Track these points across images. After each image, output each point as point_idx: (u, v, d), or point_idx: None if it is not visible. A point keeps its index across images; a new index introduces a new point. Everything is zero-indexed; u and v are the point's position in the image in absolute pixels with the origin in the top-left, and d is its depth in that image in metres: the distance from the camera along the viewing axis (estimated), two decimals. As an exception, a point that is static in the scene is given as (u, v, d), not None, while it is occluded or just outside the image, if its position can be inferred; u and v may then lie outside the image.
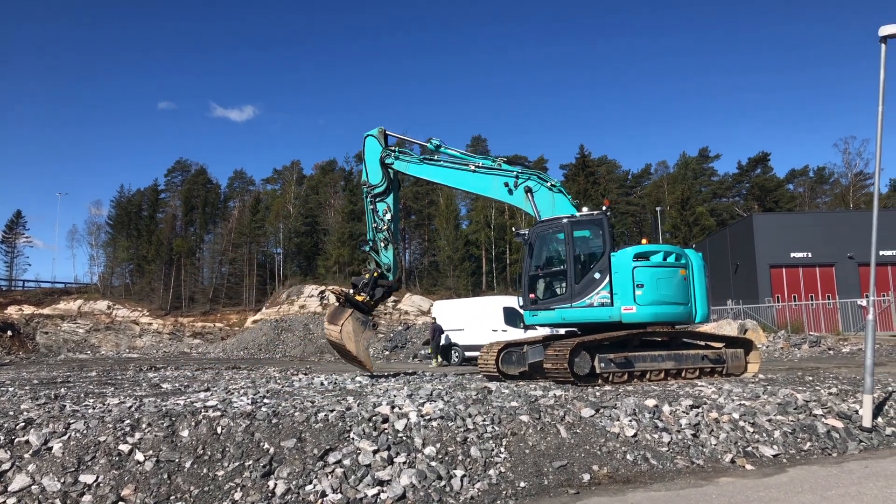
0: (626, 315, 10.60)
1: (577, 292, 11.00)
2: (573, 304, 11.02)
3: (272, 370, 17.72)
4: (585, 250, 11.39)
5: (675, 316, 10.96)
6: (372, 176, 13.26)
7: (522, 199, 12.20)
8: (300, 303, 52.68)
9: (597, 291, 10.83)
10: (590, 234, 11.38)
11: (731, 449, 6.81)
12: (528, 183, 12.16)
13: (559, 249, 11.56)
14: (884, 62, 7.90)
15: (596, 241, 11.27)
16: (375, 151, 13.26)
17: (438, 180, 13.25)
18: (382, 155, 13.14)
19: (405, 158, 13.22)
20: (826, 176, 70.48)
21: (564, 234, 11.31)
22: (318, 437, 6.01)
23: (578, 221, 11.35)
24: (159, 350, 46.47)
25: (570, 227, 11.27)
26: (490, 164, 12.54)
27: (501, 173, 12.40)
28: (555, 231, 11.61)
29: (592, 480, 5.89)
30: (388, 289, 13.12)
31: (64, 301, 60.17)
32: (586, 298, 10.90)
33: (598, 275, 10.89)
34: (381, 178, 13.13)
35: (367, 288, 12.77)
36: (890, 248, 33.09)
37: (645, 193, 73.30)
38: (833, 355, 19.86)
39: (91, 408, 7.06)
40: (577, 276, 11.09)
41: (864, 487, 5.55)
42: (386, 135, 13.47)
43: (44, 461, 5.33)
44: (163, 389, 10.86)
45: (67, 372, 17.92)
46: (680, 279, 11.02)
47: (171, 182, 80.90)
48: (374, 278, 12.82)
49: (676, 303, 10.92)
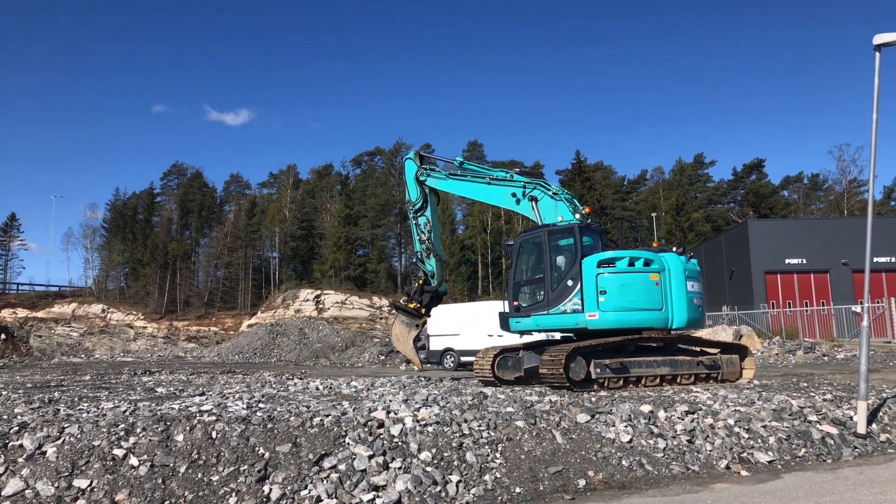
0: (590, 321, 10.70)
1: (553, 299, 11.23)
2: (550, 311, 11.23)
3: (267, 374, 17.66)
4: (562, 258, 11.60)
5: (645, 322, 10.82)
6: (412, 194, 14.68)
7: (529, 208, 12.69)
8: (296, 307, 52.58)
9: (570, 298, 11.00)
10: (566, 243, 11.57)
11: (726, 455, 6.82)
12: (534, 192, 12.57)
13: (539, 258, 11.84)
14: (878, 70, 7.96)
15: (569, 250, 11.45)
16: (412, 171, 14.67)
17: (461, 193, 14.47)
18: (417, 173, 14.51)
19: (435, 175, 14.44)
20: (820, 183, 70.74)
21: (542, 243, 11.68)
22: (313, 441, 6.00)
23: (555, 230, 11.66)
24: (154, 354, 46.31)
25: (547, 236, 11.64)
26: (504, 175, 13.24)
27: (511, 184, 12.99)
28: (534, 240, 12.00)
29: (588, 486, 5.89)
30: (433, 294, 14.48)
31: (58, 304, 59.94)
32: (560, 305, 11.09)
33: (571, 282, 11.07)
34: (419, 195, 14.48)
35: (416, 295, 14.44)
36: (884, 254, 33.25)
37: (640, 199, 73.44)
38: (827, 361, 19.91)
39: (85, 412, 7.03)
40: (553, 284, 11.32)
41: (859, 494, 5.57)
42: (421, 156, 14.92)
43: (38, 465, 5.30)
44: (157, 394, 10.82)
45: (61, 376, 17.84)
46: (650, 284, 10.85)
47: (166, 185, 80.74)
48: (421, 286, 14.43)
49: (645, 308, 10.79)
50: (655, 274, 10.92)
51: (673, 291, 11.02)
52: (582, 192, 58.97)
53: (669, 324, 11.02)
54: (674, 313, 10.99)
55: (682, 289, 11.06)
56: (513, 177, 13.06)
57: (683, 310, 11.03)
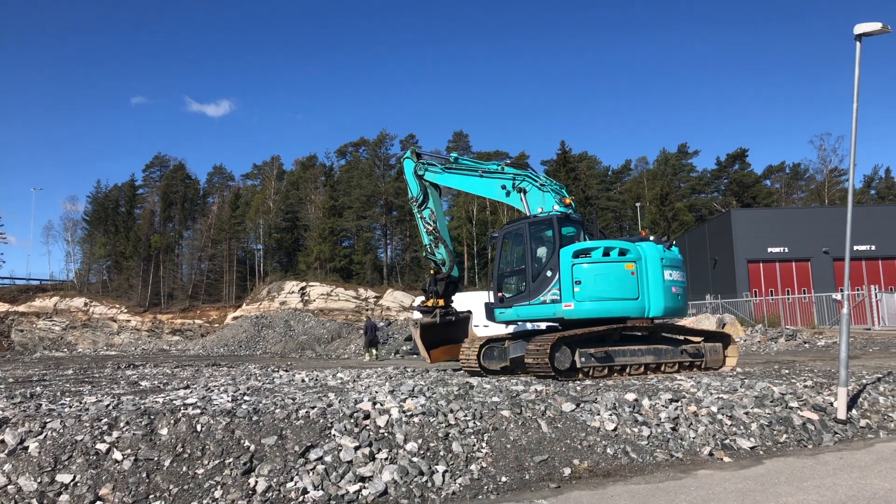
0: (566, 311, 10.78)
1: (534, 290, 11.34)
2: (531, 302, 11.34)
3: (252, 367, 17.59)
4: (542, 249, 11.71)
5: (621, 311, 10.83)
6: (413, 190, 14.85)
7: (518, 199, 12.84)
8: (281, 299, 52.41)
9: (549, 289, 11.10)
10: (545, 234, 11.68)
11: (709, 442, 6.89)
12: (522, 184, 12.66)
13: (521, 250, 11.95)
14: (859, 60, 8.03)
15: (548, 241, 11.57)
16: (411, 168, 14.83)
17: (457, 186, 14.82)
18: (416, 168, 14.71)
19: (433, 170, 14.62)
20: (802, 172, 71.51)
21: (523, 234, 11.81)
22: (299, 434, 5.99)
23: (535, 222, 11.80)
24: (138, 347, 45.98)
25: (527, 227, 11.78)
26: (495, 168, 13.47)
27: (501, 176, 13.16)
28: (517, 231, 12.14)
29: (573, 474, 5.94)
30: (447, 280, 14.43)
31: (39, 298, 59.27)
32: (540, 296, 11.20)
33: (550, 272, 11.17)
34: (419, 189, 14.66)
35: (431, 287, 14.43)
36: (864, 243, 33.71)
37: (625, 189, 73.82)
38: (809, 348, 20.18)
39: (68, 406, 6.96)
40: (534, 275, 11.42)
41: (839, 478, 5.66)
42: (418, 154, 15.09)
43: (20, 461, 5.25)
44: (141, 387, 10.74)
45: (43, 370, 17.66)
46: (625, 274, 10.86)
47: (148, 177, 79.88)
48: (433, 276, 14.43)
49: (621, 298, 10.80)
50: (631, 263, 10.90)
51: (650, 280, 10.99)
52: (567, 182, 59.11)
53: (647, 312, 10.99)
54: (650, 302, 10.97)
55: (660, 277, 11.03)
56: (503, 169, 13.23)
57: (660, 298, 10.99)
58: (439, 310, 14.12)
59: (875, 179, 73.17)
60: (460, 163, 14.26)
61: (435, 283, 14.37)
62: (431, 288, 14.39)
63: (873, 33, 7.84)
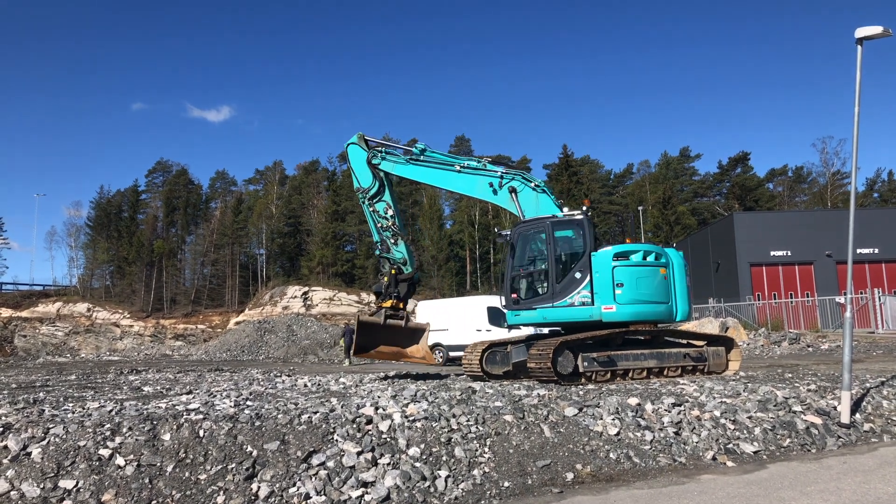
0: (606, 314, 10.65)
1: (559, 292, 11.03)
2: (554, 304, 11.04)
3: (255, 372, 17.61)
4: (567, 250, 11.44)
5: (656, 315, 10.99)
6: (363, 180, 13.47)
7: (507, 199, 12.23)
8: (283, 304, 52.44)
9: (577, 291, 10.87)
10: (571, 234, 11.44)
11: (712, 446, 6.88)
12: (513, 183, 12.16)
13: (541, 249, 11.56)
14: (860, 63, 8.03)
15: (577, 241, 11.33)
16: (360, 156, 13.52)
17: (424, 180, 13.40)
18: (369, 156, 13.39)
19: (391, 159, 13.35)
20: (804, 175, 71.50)
21: (546, 234, 11.35)
22: (301, 439, 5.99)
23: (560, 221, 11.40)
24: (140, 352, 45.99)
25: (551, 227, 11.33)
26: (475, 164, 12.62)
27: (486, 173, 12.45)
28: (537, 231, 11.65)
29: (576, 479, 5.92)
30: (409, 281, 13.23)
31: (42, 304, 59.36)
32: (567, 298, 10.94)
33: (579, 274, 10.94)
34: (373, 180, 13.35)
35: (391, 288, 12.91)
36: (866, 246, 33.62)
37: (627, 193, 73.82)
38: (812, 352, 20.13)
39: (71, 412, 6.96)
40: (558, 276, 11.13)
41: (843, 483, 5.64)
42: (366, 140, 13.67)
43: (23, 466, 5.25)
44: (144, 393, 10.75)
45: (46, 375, 17.69)
46: (660, 278, 11.06)
47: (151, 183, 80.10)
48: (394, 276, 12.97)
49: (657, 301, 10.95)
50: (664, 268, 11.12)
51: (677, 285, 11.23)
52: (569, 186, 59.17)
53: (674, 317, 11.23)
54: (678, 307, 11.22)
55: (684, 282, 11.34)
56: (485, 166, 12.55)
57: (685, 303, 11.31)
58: (385, 310, 12.74)
59: (878, 182, 73.13)
60: (429, 155, 13.03)
61: (397, 284, 12.98)
62: (392, 290, 12.90)
63: (874, 37, 7.85)
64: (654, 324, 11.16)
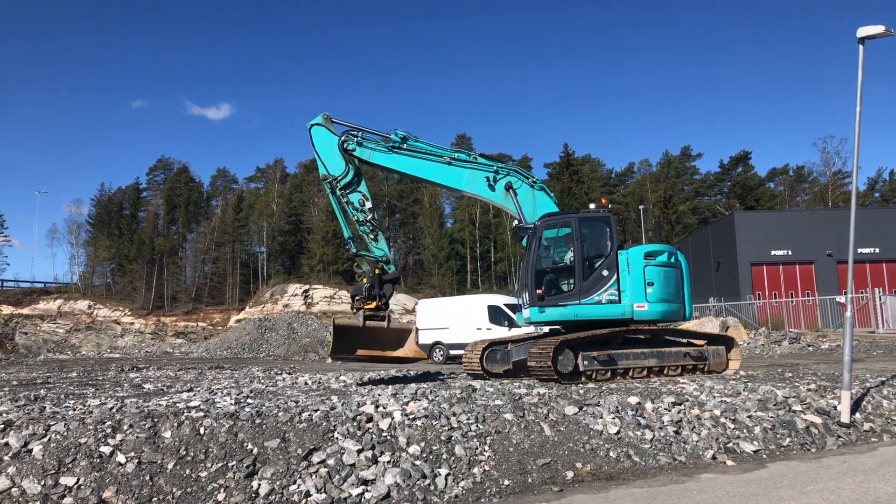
0: (637, 312, 10.82)
1: (586, 289, 10.99)
2: (581, 301, 10.99)
3: (256, 370, 17.62)
4: (592, 247, 11.43)
5: (675, 314, 11.29)
6: (333, 167, 11.54)
7: (503, 195, 11.89)
8: (284, 302, 52.43)
9: (605, 289, 10.92)
10: (597, 231, 11.47)
11: (712, 445, 6.88)
12: (509, 178, 11.89)
13: (567, 245, 11.40)
14: (861, 62, 8.03)
15: (602, 239, 11.37)
16: (329, 140, 11.68)
17: (409, 171, 11.94)
18: (341, 141, 11.58)
19: (370, 145, 11.68)
20: (805, 174, 71.48)
21: (573, 230, 11.23)
22: (301, 437, 6.00)
23: (587, 218, 11.40)
24: (141, 350, 46.06)
25: (578, 222, 11.24)
26: (466, 157, 11.97)
27: (480, 167, 11.92)
28: (563, 226, 11.48)
29: (576, 478, 5.93)
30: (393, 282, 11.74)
31: (44, 301, 59.35)
32: (594, 295, 10.95)
33: (606, 272, 10.99)
34: (345, 167, 11.52)
35: (375, 290, 11.29)
36: (867, 245, 33.61)
37: (628, 192, 73.81)
38: (812, 352, 20.12)
39: (71, 409, 6.98)
40: (585, 273, 11.08)
41: (843, 482, 5.64)
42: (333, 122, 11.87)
43: (24, 463, 5.27)
44: (145, 390, 10.77)
45: (47, 373, 17.71)
46: (678, 278, 11.40)
47: (152, 180, 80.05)
48: (378, 276, 11.34)
49: (676, 301, 11.29)
50: (679, 268, 11.48)
51: (685, 286, 11.59)
52: (570, 185, 59.13)
53: (685, 317, 11.59)
54: (687, 307, 11.57)
55: (689, 283, 11.68)
56: (476, 159, 11.95)
57: (690, 303, 11.64)
58: (365, 311, 11.26)
59: (879, 182, 73.02)
60: (413, 145, 11.80)
61: (381, 284, 11.34)
62: (377, 291, 11.29)
63: (876, 36, 7.85)
64: (671, 323, 11.32)
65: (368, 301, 11.24)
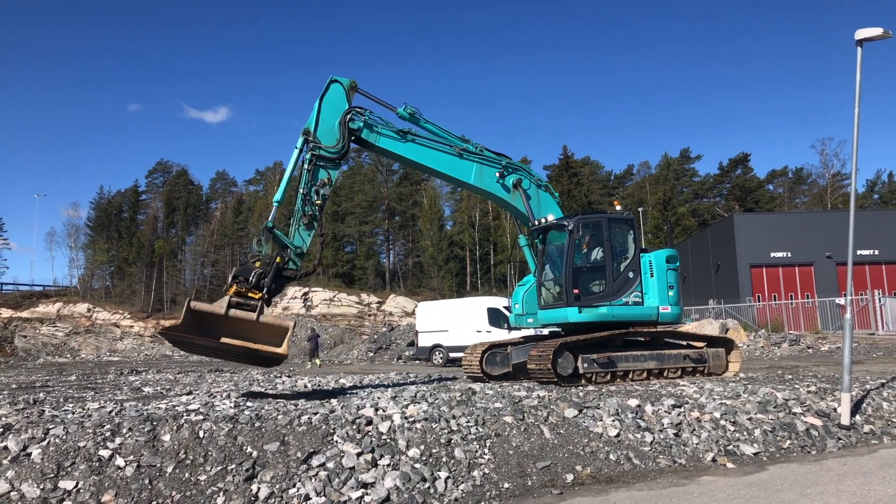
0: (662, 314, 11.23)
1: (615, 290, 11.12)
2: (612, 302, 11.04)
3: (255, 373, 17.60)
4: (619, 248, 11.55)
5: (682, 316, 11.84)
6: (326, 135, 10.26)
7: (511, 193, 11.63)
8: (283, 305, 52.37)
9: (631, 290, 11.18)
10: (622, 233, 11.62)
11: (712, 448, 6.88)
12: (518, 176, 11.74)
13: (600, 245, 11.33)
14: (860, 65, 8.04)
15: (627, 241, 11.57)
16: (338, 106, 10.50)
17: (416, 159, 11.11)
18: (346, 116, 10.44)
19: (380, 129, 10.72)
20: (804, 176, 71.52)
21: (603, 231, 11.26)
22: (301, 440, 5.99)
23: (615, 219, 11.56)
24: (140, 353, 46.02)
25: (608, 223, 11.34)
26: (473, 149, 11.46)
27: (488, 162, 11.53)
28: (595, 225, 11.41)
29: (576, 480, 5.92)
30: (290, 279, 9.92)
31: (43, 304, 59.32)
32: (623, 297, 11.13)
33: (632, 274, 11.25)
34: (338, 142, 10.29)
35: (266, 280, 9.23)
36: (867, 247, 33.60)
37: (627, 194, 73.81)
38: (812, 354, 20.12)
39: (71, 413, 6.97)
40: (615, 274, 11.20)
41: (843, 485, 5.64)
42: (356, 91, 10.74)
43: (23, 467, 5.25)
44: (144, 393, 10.76)
45: (46, 376, 17.70)
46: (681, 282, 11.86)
47: (151, 183, 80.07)
48: (278, 267, 9.43)
49: (681, 304, 11.75)
50: None
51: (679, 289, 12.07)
52: (569, 187, 59.16)
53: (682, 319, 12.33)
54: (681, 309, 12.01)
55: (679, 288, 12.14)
56: (482, 151, 11.49)
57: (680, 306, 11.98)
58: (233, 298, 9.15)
59: (878, 184, 73.11)
60: (422, 126, 11.02)
61: (277, 276, 9.41)
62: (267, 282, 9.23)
63: (874, 38, 7.86)
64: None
65: (253, 290, 9.18)
